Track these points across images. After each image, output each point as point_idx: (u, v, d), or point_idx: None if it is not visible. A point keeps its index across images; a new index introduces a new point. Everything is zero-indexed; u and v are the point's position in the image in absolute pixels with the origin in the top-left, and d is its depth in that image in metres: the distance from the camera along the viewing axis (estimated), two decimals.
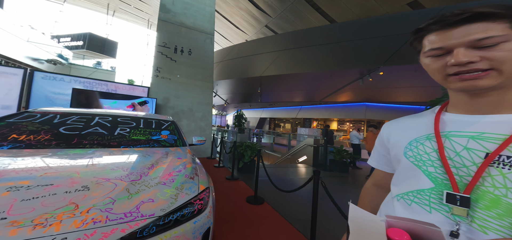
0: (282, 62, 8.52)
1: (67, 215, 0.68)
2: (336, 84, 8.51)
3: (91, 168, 1.02)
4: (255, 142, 5.73)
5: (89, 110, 1.92)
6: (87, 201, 0.75)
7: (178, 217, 0.85)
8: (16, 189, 0.75)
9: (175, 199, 0.89)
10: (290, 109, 14.69)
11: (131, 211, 0.76)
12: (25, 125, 1.41)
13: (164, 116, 2.17)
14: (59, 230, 0.62)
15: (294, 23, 10.37)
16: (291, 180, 3.93)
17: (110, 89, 4.02)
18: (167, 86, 4.84)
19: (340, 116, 11.85)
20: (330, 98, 10.24)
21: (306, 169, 5.11)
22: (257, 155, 2.73)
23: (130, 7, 16.97)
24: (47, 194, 0.75)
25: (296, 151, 6.70)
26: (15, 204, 0.69)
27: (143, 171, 1.04)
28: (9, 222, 0.62)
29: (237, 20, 12.61)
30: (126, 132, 1.64)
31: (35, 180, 0.83)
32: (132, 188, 0.88)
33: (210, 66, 5.58)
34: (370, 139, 4.71)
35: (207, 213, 0.96)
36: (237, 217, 2.12)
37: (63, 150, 1.25)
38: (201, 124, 5.23)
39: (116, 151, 1.34)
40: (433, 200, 0.36)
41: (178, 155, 1.40)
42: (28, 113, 1.56)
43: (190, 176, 1.10)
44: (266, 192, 2.89)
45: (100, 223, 0.68)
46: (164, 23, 4.98)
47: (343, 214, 1.38)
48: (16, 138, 1.28)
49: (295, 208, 2.53)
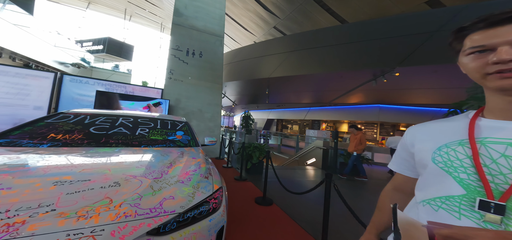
0: (290, 64, 8.34)
1: (103, 208, 0.72)
2: (347, 86, 8.18)
3: (119, 166, 1.08)
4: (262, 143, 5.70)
5: (114, 111, 2.01)
6: (119, 196, 0.80)
7: (195, 215, 0.87)
8: (61, 184, 0.81)
9: (192, 197, 0.91)
10: (298, 110, 14.39)
11: (155, 207, 0.79)
12: (61, 125, 1.51)
13: (178, 117, 2.22)
14: (98, 222, 0.67)
15: (303, 24, 10.17)
16: (299, 182, 3.82)
17: (128, 91, 4.15)
18: (179, 88, 4.89)
19: (351, 118, 11.37)
20: (341, 99, 9.88)
21: (315, 172, 4.95)
22: (266, 157, 2.67)
23: (144, 11, 17.61)
24: (86, 188, 0.80)
25: (304, 153, 6.52)
26: (61, 197, 0.74)
27: (163, 170, 1.08)
28: (58, 213, 0.66)
29: (245, 22, 12.61)
30: (146, 132, 1.70)
31: (75, 175, 0.89)
32: (155, 185, 0.92)
33: (220, 68, 5.56)
34: (351, 140, 4.54)
35: (221, 212, 0.98)
36: (246, 217, 2.09)
37: (94, 148, 1.32)
38: (210, 124, 5.24)
39: (138, 150, 1.40)
40: (463, 207, 0.35)
41: (192, 155, 1.43)
42: (63, 115, 1.67)
43: (204, 175, 1.12)
44: (274, 193, 2.83)
45: (130, 217, 0.72)
46: (177, 27, 5.04)
47: (357, 218, 1.30)
48: (54, 136, 1.37)
49: (305, 211, 2.43)
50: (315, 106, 13.10)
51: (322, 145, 5.60)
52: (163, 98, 4.33)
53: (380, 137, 10.25)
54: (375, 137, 10.54)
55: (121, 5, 17.30)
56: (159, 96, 4.46)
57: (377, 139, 10.39)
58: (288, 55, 8.52)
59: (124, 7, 17.60)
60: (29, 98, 3.33)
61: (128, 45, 17.75)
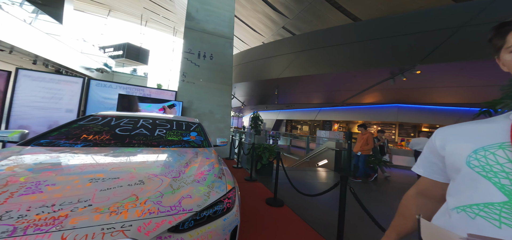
0: (299, 64, 8.19)
1: (131, 205, 0.77)
2: (360, 85, 7.83)
3: (142, 165, 1.15)
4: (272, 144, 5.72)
5: (135, 113, 2.11)
6: (144, 193, 0.84)
7: (210, 214, 0.89)
8: (95, 181, 0.88)
9: (208, 196, 0.94)
10: (308, 111, 14.09)
11: (175, 205, 0.83)
12: (91, 127, 1.63)
13: (192, 119, 2.28)
14: (127, 218, 0.71)
15: (312, 23, 9.96)
16: (310, 184, 3.74)
17: (146, 94, 4.36)
18: (191, 90, 5.04)
19: (366, 118, 10.86)
20: (354, 99, 9.47)
21: (327, 173, 4.82)
22: (277, 158, 2.65)
23: (159, 16, 18.44)
24: (116, 186, 0.87)
25: (315, 154, 6.38)
26: (96, 193, 0.80)
27: (180, 169, 1.13)
28: (94, 208, 0.72)
29: (254, 23, 12.65)
30: (163, 133, 1.78)
31: (107, 173, 0.96)
32: (174, 184, 0.96)
33: (229, 70, 5.63)
34: (359, 140, 4.35)
35: (235, 212, 0.99)
36: (258, 218, 2.10)
37: (120, 148, 1.42)
38: (220, 125, 5.32)
39: (157, 150, 1.47)
40: (504, 215, 0.32)
41: (206, 155, 1.47)
42: (93, 117, 1.79)
43: (218, 175, 1.15)
44: (285, 194, 2.80)
45: (153, 214, 0.76)
46: (189, 31, 5.18)
47: (377, 222, 1.24)
48: (86, 137, 1.49)
49: (317, 213, 2.38)
50: (326, 107, 12.74)
51: (335, 146, 5.43)
52: (177, 100, 4.54)
53: (399, 138, 9.66)
54: (394, 138, 9.98)
55: (137, 11, 18.31)
56: (173, 98, 4.68)
57: (396, 140, 9.85)
58: (297, 55, 8.39)
59: (140, 13, 18.61)
60: (62, 102, 3.61)
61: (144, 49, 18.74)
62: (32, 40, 7.93)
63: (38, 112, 3.45)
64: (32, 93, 3.42)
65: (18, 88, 3.31)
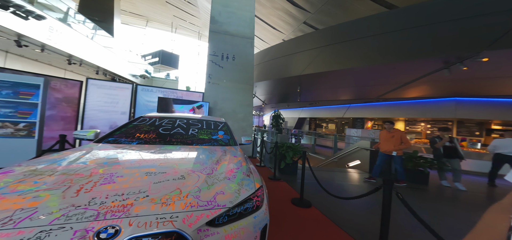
0: (324, 59, 7.67)
1: (176, 198, 0.84)
2: (401, 78, 6.85)
3: (182, 161, 1.26)
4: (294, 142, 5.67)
5: (173, 114, 2.30)
6: (185, 187, 0.92)
7: (241, 211, 0.92)
8: (150, 174, 0.99)
9: (238, 193, 0.97)
10: (335, 108, 13.13)
11: (210, 200, 0.88)
12: (142, 127, 1.84)
13: (218, 118, 2.39)
14: (174, 210, 0.78)
15: (337, 16, 9.22)
16: (340, 186, 3.48)
17: (178, 96, 4.78)
18: (216, 91, 5.28)
19: (411, 114, 9.40)
20: (393, 94, 8.36)
21: (360, 175, 4.41)
22: (303, 157, 2.54)
23: (185, 22, 20.00)
24: (164, 179, 0.96)
25: (345, 154, 5.93)
26: (151, 185, 0.90)
27: (212, 166, 1.19)
28: (150, 199, 0.81)
29: (273, 21, 12.45)
30: (195, 132, 1.92)
31: (157, 168, 1.08)
32: (209, 180, 1.02)
33: (251, 69, 5.68)
34: (384, 139, 3.71)
35: (264, 210, 1.00)
36: (285, 218, 2.04)
37: (163, 145, 1.59)
38: (243, 124, 5.42)
39: (192, 148, 1.61)
40: None
41: (233, 154, 1.53)
42: (142, 118, 2.01)
43: (246, 173, 1.17)
44: (312, 195, 2.67)
45: (194, 207, 0.82)
46: (213, 34, 5.39)
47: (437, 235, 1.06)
48: (139, 136, 1.70)
49: (349, 216, 2.19)
50: (357, 103, 11.60)
51: (369, 145, 4.96)
52: (204, 101, 4.89)
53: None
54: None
55: (168, 20, 20.22)
56: (200, 99, 5.12)
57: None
58: (321, 50, 7.89)
59: (171, 21, 20.53)
60: (118, 105, 4.18)
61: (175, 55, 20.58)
62: (94, 53, 9.54)
63: (103, 115, 4.08)
64: (98, 99, 4.07)
65: (88, 95, 4.04)
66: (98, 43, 10.30)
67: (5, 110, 2.55)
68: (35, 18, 6.06)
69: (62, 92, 3.81)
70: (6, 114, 2.56)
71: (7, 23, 5.49)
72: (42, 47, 7.20)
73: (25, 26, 5.98)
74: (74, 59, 8.76)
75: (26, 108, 2.65)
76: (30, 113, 2.67)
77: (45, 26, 6.66)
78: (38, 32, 6.46)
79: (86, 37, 9.20)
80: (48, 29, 6.85)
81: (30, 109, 2.67)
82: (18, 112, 2.61)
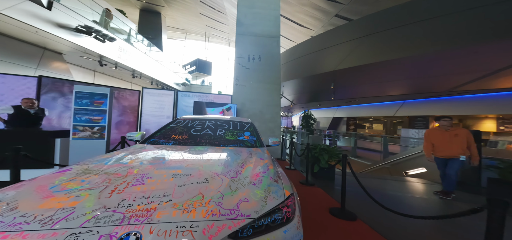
0: (365, 51, 6.72)
1: (198, 203, 0.79)
2: (488, 65, 5.34)
3: (207, 163, 1.22)
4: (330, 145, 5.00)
5: (203, 116, 2.38)
6: (208, 192, 0.87)
7: (269, 223, 0.81)
8: (176, 176, 0.97)
9: (265, 202, 0.87)
10: (382, 105, 11.29)
11: (234, 209, 0.80)
12: (177, 128, 1.96)
13: (244, 119, 2.38)
14: (195, 218, 0.73)
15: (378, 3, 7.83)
16: (396, 197, 2.89)
17: (210, 100, 5.15)
18: (243, 92, 5.36)
19: (501, 111, 7.20)
20: (474, 85, 6.53)
21: (425, 186, 3.56)
22: (343, 160, 2.21)
23: (216, 31, 21.49)
24: (189, 182, 0.93)
25: (402, 159, 5.00)
26: (175, 188, 0.87)
27: (237, 169, 1.13)
28: (173, 204, 0.78)
29: (300, 18, 11.73)
30: (223, 133, 1.95)
31: (183, 169, 1.07)
32: (233, 184, 0.95)
33: (277, 69, 5.52)
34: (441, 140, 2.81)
35: (296, 223, 0.87)
36: (323, 232, 1.75)
37: (193, 146, 1.63)
38: (270, 125, 5.31)
39: (218, 149, 1.59)
40: None
41: (259, 156, 1.47)
42: (178, 120, 2.15)
43: (274, 179, 1.08)
44: (355, 205, 2.27)
45: (215, 216, 0.75)
46: (240, 37, 5.50)
47: None
48: (175, 137, 1.79)
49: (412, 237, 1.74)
50: (415, 98, 9.58)
51: None
52: (232, 103, 5.09)
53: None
54: None
55: (202, 30, 22.24)
56: (229, 102, 5.31)
57: None
58: (360, 41, 6.92)
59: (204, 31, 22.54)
60: (164, 110, 4.70)
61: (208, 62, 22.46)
62: (149, 67, 11.34)
63: (153, 119, 4.64)
64: (150, 105, 4.66)
65: (144, 102, 4.78)
66: (152, 58, 12.28)
67: (85, 117, 3.28)
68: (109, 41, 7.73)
69: (128, 100, 4.63)
70: (86, 120, 3.29)
71: (91, 46, 7.11)
72: (115, 65, 9.13)
73: (103, 48, 7.60)
74: (136, 73, 10.74)
75: (97, 115, 3.33)
76: (101, 119, 3.34)
77: (116, 46, 8.32)
78: (112, 52, 8.12)
79: (143, 53, 11.11)
80: (118, 49, 8.55)
81: (101, 115, 3.34)
82: (93, 118, 3.30)
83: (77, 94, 3.25)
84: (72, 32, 6.30)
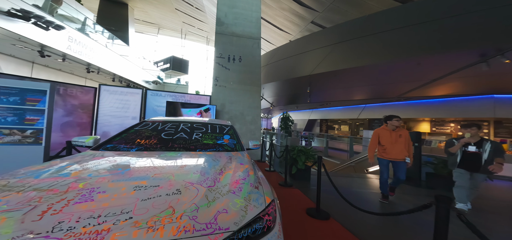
0: (336, 57, 7.17)
1: (167, 219, 0.69)
2: (428, 75, 6.21)
3: (180, 171, 1.07)
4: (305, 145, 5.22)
5: (176, 118, 2.15)
6: (180, 205, 0.75)
7: (249, 234, 0.75)
8: (139, 189, 0.83)
9: (245, 212, 0.80)
10: (349, 108, 12.37)
11: (211, 222, 0.72)
12: (143, 132, 1.71)
13: (224, 121, 2.22)
14: (162, 236, 0.62)
15: (348, 13, 8.67)
16: (359, 194, 3.07)
17: (186, 100, 4.65)
18: (223, 93, 5.08)
19: (440, 115, 8.54)
20: (417, 92, 7.61)
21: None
22: (318, 162, 2.24)
23: (194, 28, 20.30)
24: (155, 195, 0.80)
25: (363, 158, 5.44)
26: (137, 203, 0.74)
27: (215, 177, 1.02)
28: (133, 222, 0.65)
29: (280, 22, 12.12)
30: (200, 136, 1.75)
31: (149, 180, 0.91)
32: (210, 194, 0.85)
33: (258, 71, 5.42)
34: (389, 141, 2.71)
35: (277, 232, 0.82)
36: (301, 232, 1.77)
37: (163, 152, 1.41)
38: (251, 127, 5.17)
39: (194, 154, 1.41)
40: None
41: (240, 160, 1.35)
42: (145, 122, 1.89)
43: (254, 185, 1.00)
44: (329, 204, 2.35)
45: (189, 233, 0.66)
46: (220, 36, 5.21)
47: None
48: (139, 142, 1.55)
49: (377, 232, 1.86)
50: (374, 103, 10.78)
51: None
52: (211, 104, 4.74)
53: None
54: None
55: (178, 26, 20.66)
56: (208, 103, 4.92)
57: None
58: (332, 48, 7.40)
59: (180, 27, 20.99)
60: (129, 110, 4.14)
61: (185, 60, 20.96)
62: (111, 62, 9.78)
63: (115, 120, 4.04)
64: (110, 104, 4.03)
65: (101, 101, 4.00)
66: (115, 52, 10.62)
67: (12, 118, 2.47)
68: (55, 29, 6.27)
69: (78, 99, 3.78)
70: (14, 121, 2.48)
71: (30, 34, 5.70)
72: (63, 57, 7.47)
73: (46, 37, 6.17)
74: (92, 67, 9.04)
75: (33, 115, 2.56)
76: (37, 120, 2.57)
77: (64, 36, 6.88)
78: (59, 42, 6.67)
79: (103, 46, 9.48)
80: (68, 39, 7.08)
81: (37, 115, 2.58)
82: (25, 119, 2.52)
83: (1, 90, 2.43)
84: (2, 15, 4.97)
